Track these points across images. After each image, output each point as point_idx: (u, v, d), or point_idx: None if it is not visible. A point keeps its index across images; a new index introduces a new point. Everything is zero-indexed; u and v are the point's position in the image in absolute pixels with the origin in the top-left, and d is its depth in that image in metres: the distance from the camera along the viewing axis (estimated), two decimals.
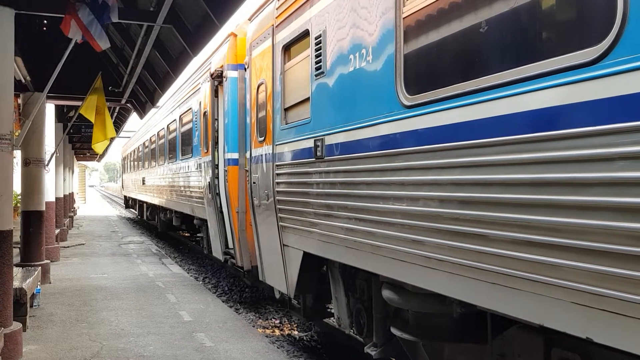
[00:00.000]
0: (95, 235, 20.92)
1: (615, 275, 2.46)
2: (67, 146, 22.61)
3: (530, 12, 3.09)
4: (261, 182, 7.07)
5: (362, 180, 4.55)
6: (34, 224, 10.33)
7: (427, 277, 3.79)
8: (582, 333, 2.64)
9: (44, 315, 8.18)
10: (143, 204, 24.58)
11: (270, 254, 7.07)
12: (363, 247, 4.57)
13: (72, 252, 15.54)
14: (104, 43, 6.79)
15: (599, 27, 2.57)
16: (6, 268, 6.14)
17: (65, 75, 8.97)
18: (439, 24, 3.74)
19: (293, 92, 6.15)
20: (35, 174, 10.43)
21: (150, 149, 20.24)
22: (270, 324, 9.11)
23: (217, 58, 10.02)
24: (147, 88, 12.25)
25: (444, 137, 3.54)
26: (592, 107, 2.53)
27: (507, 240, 3.04)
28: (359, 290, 5.59)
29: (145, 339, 6.97)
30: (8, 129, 6.18)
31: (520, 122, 2.93)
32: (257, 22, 7.47)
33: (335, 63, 5.03)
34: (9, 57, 6.32)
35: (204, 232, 12.48)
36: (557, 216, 2.72)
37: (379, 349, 5.21)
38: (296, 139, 5.90)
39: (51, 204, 13.79)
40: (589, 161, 2.56)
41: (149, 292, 9.96)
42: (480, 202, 3.23)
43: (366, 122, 4.46)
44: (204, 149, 10.26)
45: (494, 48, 3.34)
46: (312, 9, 5.49)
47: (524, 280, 2.94)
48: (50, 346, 6.68)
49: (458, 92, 3.41)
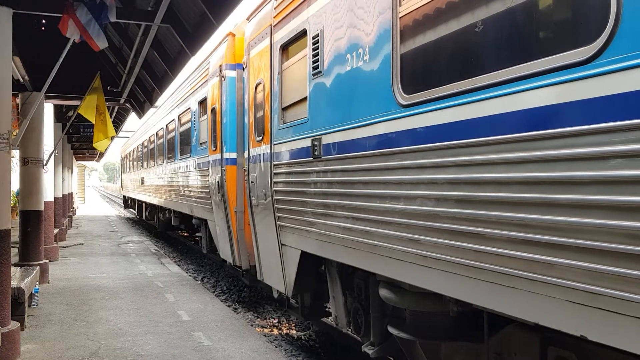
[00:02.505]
0: (94, 235, 20.93)
1: (610, 274, 2.47)
2: (66, 146, 22.60)
3: (525, 11, 3.10)
4: (259, 182, 7.08)
5: (359, 179, 4.56)
6: (32, 223, 10.33)
7: (423, 276, 3.80)
8: (577, 331, 2.65)
9: (42, 314, 8.18)
10: (142, 204, 24.59)
11: (268, 254, 7.07)
12: (360, 246, 4.58)
13: (71, 251, 15.54)
14: (102, 43, 6.79)
15: (593, 26, 2.58)
16: (4, 267, 6.13)
17: (64, 74, 8.98)
18: (435, 24, 3.76)
19: (291, 92, 6.16)
20: (33, 174, 10.43)
21: (149, 149, 20.25)
22: (269, 323, 9.13)
23: (216, 57, 10.02)
24: (145, 88, 12.26)
25: (440, 136, 3.55)
26: (586, 106, 2.54)
27: (503, 238, 3.05)
28: (356, 290, 5.59)
29: (144, 338, 6.97)
30: (6, 128, 6.18)
31: (515, 121, 2.94)
32: (255, 21, 7.48)
33: (332, 62, 5.03)
34: (7, 57, 6.32)
35: (203, 231, 12.48)
36: (552, 215, 2.73)
37: (376, 348, 5.22)
38: (294, 139, 5.91)
39: (50, 204, 13.80)
40: (583, 160, 2.57)
41: (147, 291, 9.97)
42: (476, 201, 3.24)
43: (363, 122, 4.47)
44: (212, 146, 10.15)
45: (489, 47, 3.35)
46: (310, 9, 5.50)
47: (520, 279, 2.94)
48: (48, 345, 6.68)
49: (454, 91, 3.42)
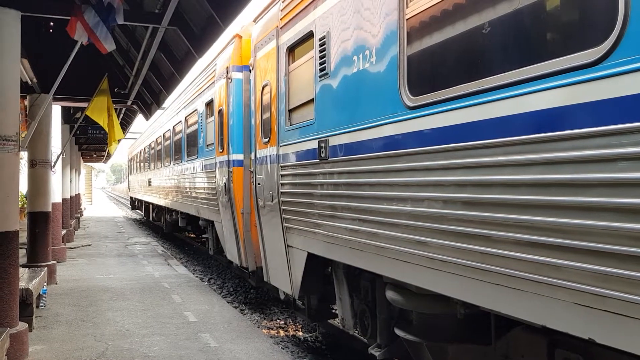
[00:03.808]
0: (102, 236, 21.01)
1: (617, 276, 2.46)
2: (73, 147, 22.71)
3: (533, 13, 3.09)
4: (266, 183, 7.09)
5: (366, 181, 4.55)
6: (40, 225, 10.38)
7: (430, 278, 3.79)
8: (584, 334, 2.64)
9: (50, 315, 8.22)
10: (149, 205, 24.67)
11: (275, 255, 7.08)
12: (367, 248, 4.58)
13: (79, 252, 15.61)
14: (110, 45, 6.83)
15: (601, 28, 2.57)
16: (12, 269, 6.17)
17: (72, 77, 9.03)
18: (442, 25, 3.75)
19: (297, 94, 6.17)
20: (41, 175, 10.49)
21: (156, 151, 20.32)
22: (275, 324, 9.13)
23: (222, 59, 10.05)
24: (152, 89, 12.31)
25: (447, 138, 3.54)
26: (595, 108, 2.53)
27: (510, 241, 3.04)
28: (363, 291, 5.59)
29: (151, 339, 7.00)
30: (14, 130, 6.22)
31: (523, 123, 2.93)
32: (261, 23, 7.50)
33: (339, 64, 5.04)
34: (16, 59, 6.36)
35: (210, 233, 12.51)
36: (560, 217, 2.72)
37: (383, 350, 5.21)
38: (300, 140, 5.92)
39: (57, 205, 13.87)
40: (591, 162, 2.56)
41: (154, 292, 10.00)
42: (484, 203, 3.23)
43: (370, 123, 4.47)
44: (219, 148, 10.16)
45: (497, 49, 3.34)
46: (317, 11, 5.51)
47: (527, 281, 2.94)
48: (56, 346, 6.71)
49: (461, 93, 3.41)
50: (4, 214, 6.10)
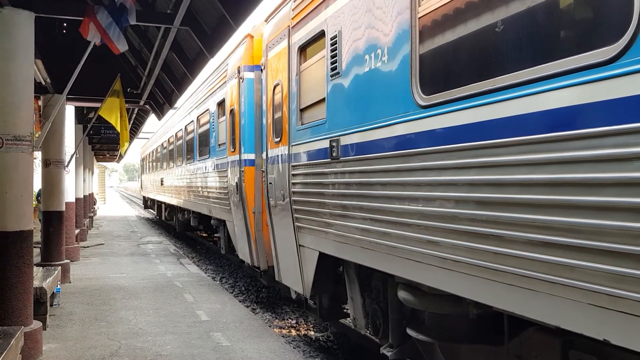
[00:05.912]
0: (115, 235, 21.15)
1: (632, 277, 2.42)
2: (86, 147, 22.87)
3: (546, 11, 3.06)
4: (277, 183, 7.10)
5: (378, 180, 4.54)
6: (54, 224, 10.48)
7: (443, 278, 3.77)
8: (599, 335, 2.61)
9: (63, 314, 8.29)
10: (161, 205, 24.80)
11: (286, 255, 7.09)
12: (379, 247, 4.57)
13: (92, 252, 15.73)
14: (122, 45, 6.87)
15: (616, 26, 2.54)
16: (26, 268, 6.22)
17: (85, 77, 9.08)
18: (454, 24, 3.73)
19: (309, 93, 6.16)
20: (55, 175, 10.58)
21: (168, 150, 20.42)
22: (287, 324, 9.14)
23: (234, 59, 10.07)
24: (164, 89, 12.36)
25: (459, 137, 3.52)
26: (608, 107, 2.50)
27: (523, 241, 3.02)
28: (374, 291, 5.58)
29: (163, 338, 7.03)
30: (28, 130, 6.27)
31: (536, 122, 2.91)
32: (273, 23, 7.50)
33: (350, 63, 5.03)
34: (29, 60, 6.41)
35: (222, 232, 12.55)
36: (573, 217, 2.70)
37: (395, 350, 5.19)
38: (312, 140, 5.91)
39: (71, 205, 13.97)
40: (605, 161, 2.54)
41: (167, 291, 10.05)
42: (497, 203, 3.21)
43: (381, 123, 4.45)
44: (230, 147, 10.18)
45: (510, 47, 3.31)
46: (328, 10, 5.50)
47: (541, 282, 2.91)
48: (70, 345, 6.77)
49: (474, 92, 3.39)
50: (18, 214, 6.15)
